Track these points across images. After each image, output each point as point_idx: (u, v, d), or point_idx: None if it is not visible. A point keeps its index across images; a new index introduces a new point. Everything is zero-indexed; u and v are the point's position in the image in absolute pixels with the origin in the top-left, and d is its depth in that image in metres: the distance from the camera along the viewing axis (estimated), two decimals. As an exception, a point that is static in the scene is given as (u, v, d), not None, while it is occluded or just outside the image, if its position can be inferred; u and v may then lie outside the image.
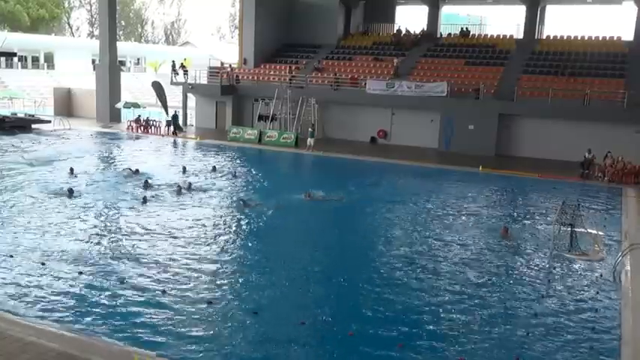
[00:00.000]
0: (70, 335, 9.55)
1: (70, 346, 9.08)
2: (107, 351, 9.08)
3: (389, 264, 14.27)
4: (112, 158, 28.55)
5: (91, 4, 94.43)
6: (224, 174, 24.70)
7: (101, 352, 8.97)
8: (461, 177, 25.99)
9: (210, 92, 38.80)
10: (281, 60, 41.04)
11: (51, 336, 9.40)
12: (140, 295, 11.46)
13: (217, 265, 13.54)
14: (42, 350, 8.83)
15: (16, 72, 61.98)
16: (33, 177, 21.92)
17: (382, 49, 40.10)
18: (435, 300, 12.05)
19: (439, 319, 11.17)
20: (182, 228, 16.31)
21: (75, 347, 9.04)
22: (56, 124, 37.15)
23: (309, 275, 13.36)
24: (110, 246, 14.62)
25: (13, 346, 8.89)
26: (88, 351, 8.95)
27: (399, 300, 11.93)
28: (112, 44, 41.16)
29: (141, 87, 59.43)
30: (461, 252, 15.38)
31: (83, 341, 9.36)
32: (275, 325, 10.60)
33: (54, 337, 9.39)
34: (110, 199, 19.29)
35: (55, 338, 9.33)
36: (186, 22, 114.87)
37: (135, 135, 36.06)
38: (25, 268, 12.68)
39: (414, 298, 12.05)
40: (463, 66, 36.22)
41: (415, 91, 33.49)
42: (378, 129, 35.60)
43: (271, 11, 40.79)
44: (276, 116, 36.16)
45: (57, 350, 8.89)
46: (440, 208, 20.28)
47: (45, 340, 9.18)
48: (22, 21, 79.37)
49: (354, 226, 18.40)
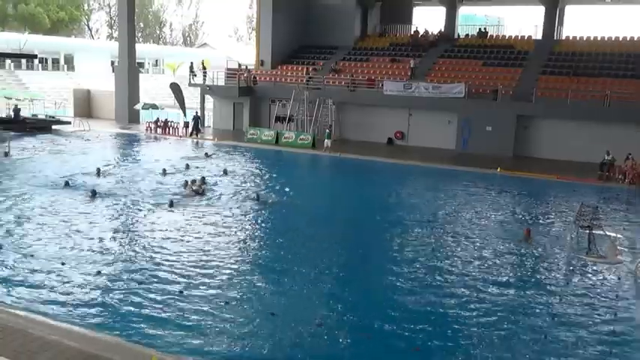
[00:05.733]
0: (89, 334, 9.68)
1: (89, 345, 9.20)
2: (126, 350, 9.17)
3: (408, 266, 14.20)
4: (135, 159, 28.84)
5: (110, 6, 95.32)
6: (239, 175, 24.81)
7: (120, 352, 9.07)
8: (478, 178, 25.83)
9: (227, 94, 39.00)
10: (298, 61, 41.13)
11: (71, 335, 9.52)
12: (158, 296, 11.56)
13: (235, 266, 13.62)
14: (62, 349, 8.96)
15: (37, 74, 62.76)
16: (57, 177, 22.17)
17: (399, 50, 40.03)
18: (453, 302, 11.97)
19: (457, 322, 11.10)
20: (199, 229, 16.42)
21: (94, 346, 9.16)
22: (76, 126, 37.59)
23: (327, 276, 13.38)
24: (129, 246, 14.76)
25: (34, 344, 9.02)
26: (107, 350, 9.06)
27: (417, 302, 11.90)
28: (130, 46, 41.60)
29: (159, 88, 59.86)
30: (481, 254, 15.27)
31: (102, 340, 9.47)
32: (292, 326, 10.62)
33: (74, 336, 9.52)
34: (132, 201, 19.45)
35: (75, 337, 9.45)
36: (204, 24, 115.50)
37: (153, 136, 36.35)
38: (46, 267, 12.85)
39: (431, 301, 11.99)
40: (481, 67, 36.04)
41: (432, 92, 33.39)
42: (395, 130, 35.53)
43: (288, 13, 40.90)
44: (293, 117, 36.25)
45: (77, 349, 9.02)
46: (458, 210, 20.18)
47: (66, 338, 9.31)
48: (42, 23, 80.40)
49: (370, 223, 18.36)
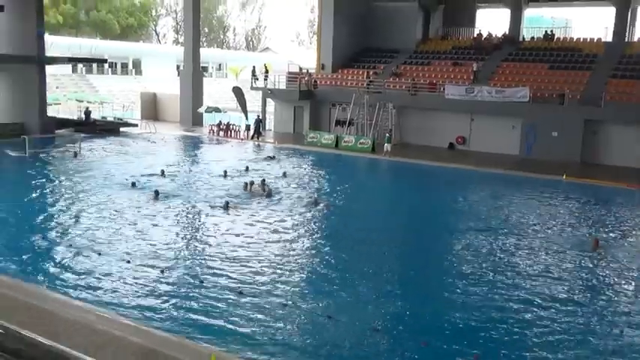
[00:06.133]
0: (151, 331, 9.93)
1: (151, 341, 9.43)
2: (186, 348, 9.36)
3: (468, 275, 13.87)
4: (197, 161, 29.53)
5: (177, 12, 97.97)
6: (298, 178, 24.97)
7: (180, 349, 9.26)
8: (543, 185, 25.07)
9: (288, 97, 39.38)
10: (359, 65, 41.10)
11: (134, 331, 9.80)
12: (218, 296, 11.75)
13: (291, 269, 13.70)
14: (125, 344, 9.23)
15: (107, 77, 65.16)
16: (123, 177, 22.93)
17: (461, 53, 39.41)
18: (516, 313, 11.58)
19: (520, 333, 10.75)
20: (257, 231, 16.61)
21: (156, 343, 9.39)
22: (142, 128, 38.81)
23: (384, 282, 13.30)
24: (190, 247, 15.11)
25: (100, 339, 9.33)
26: (167, 347, 9.26)
27: (478, 311, 11.61)
28: (195, 51, 42.64)
29: (222, 92, 61.07)
30: (545, 265, 14.72)
31: (163, 337, 9.70)
32: (348, 330, 10.59)
33: (137, 332, 9.79)
34: (194, 201, 19.88)
35: (138, 333, 9.72)
36: (266, 29, 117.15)
37: (215, 138, 37.10)
38: (112, 265, 13.28)
39: (494, 310, 11.68)
40: (547, 70, 35.03)
41: (496, 96, 32.70)
42: (456, 135, 34.98)
43: (349, 17, 40.94)
44: (353, 121, 36.25)
45: (139, 344, 9.27)
46: (521, 218, 19.63)
47: (129, 334, 9.58)
48: (112, 29, 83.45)
49: (430, 229, 18.14)
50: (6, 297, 10.79)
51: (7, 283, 11.55)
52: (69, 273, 12.69)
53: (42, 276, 12.44)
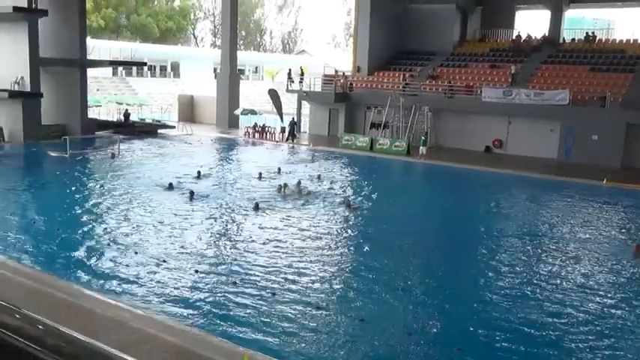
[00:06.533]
0: (184, 330, 10.06)
1: (185, 340, 9.56)
2: (219, 348, 9.45)
3: (503, 281, 13.66)
4: (233, 163, 29.83)
5: (215, 15, 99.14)
6: (332, 180, 24.98)
7: (214, 349, 9.35)
8: (583, 190, 24.52)
9: (323, 100, 39.45)
10: (395, 67, 40.94)
11: (168, 329, 9.94)
12: (251, 297, 11.82)
13: (326, 270, 13.71)
14: (159, 342, 9.38)
15: (146, 80, 66.24)
16: (159, 178, 23.32)
17: (499, 55, 38.87)
18: (552, 323, 11.29)
19: (557, 344, 10.50)
20: (290, 232, 16.68)
21: (190, 342, 9.51)
22: (179, 130, 39.38)
23: (417, 285, 13.21)
24: (224, 247, 15.26)
25: (135, 336, 9.50)
26: (200, 346, 9.37)
27: (515, 318, 11.39)
28: (232, 54, 43.08)
29: (258, 94, 61.51)
30: (584, 272, 14.41)
31: (196, 336, 9.82)
32: (381, 334, 10.54)
33: (170, 330, 9.93)
34: (228, 203, 20.05)
35: (172, 332, 9.86)
36: (302, 31, 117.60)
37: (251, 141, 37.40)
38: (147, 264, 13.51)
39: (529, 319, 11.40)
40: (587, 73, 34.28)
41: (534, 99, 32.17)
42: (493, 138, 34.51)
43: (386, 19, 40.80)
44: (388, 124, 36.11)
45: (172, 343, 9.41)
46: (559, 223, 19.26)
47: (162, 333, 9.72)
48: (152, 33, 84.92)
49: (465, 233, 17.93)
50: (46, 294, 11.09)
51: (48, 281, 11.87)
52: (106, 271, 12.95)
53: (80, 274, 12.71)
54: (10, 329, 6.68)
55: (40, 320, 7.18)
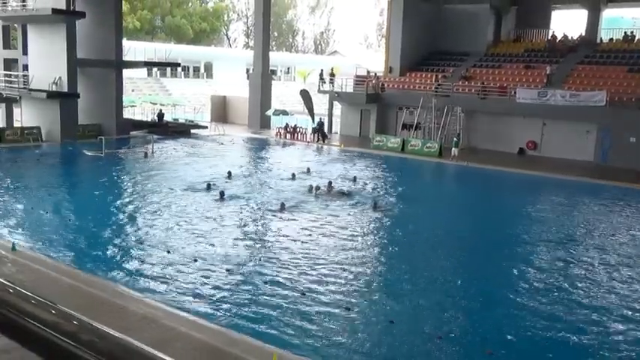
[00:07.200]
0: (215, 328, 10.16)
1: (215, 338, 9.66)
2: (249, 347, 9.52)
3: (537, 287, 13.36)
4: (264, 163, 30.01)
5: (248, 16, 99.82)
6: (363, 181, 24.92)
7: (243, 348, 9.42)
8: (620, 193, 24.01)
9: (355, 100, 39.40)
10: (427, 68, 40.66)
11: (199, 328, 10.05)
12: (281, 297, 11.89)
13: (356, 271, 13.69)
14: (191, 340, 9.50)
15: (179, 81, 67.03)
16: (191, 178, 23.57)
17: (534, 56, 38.28)
18: (588, 332, 10.96)
19: (593, 351, 10.28)
20: (322, 233, 16.71)
21: (220, 340, 9.61)
22: (212, 130, 39.76)
23: (450, 286, 13.10)
24: (255, 248, 15.35)
25: (167, 334, 9.64)
26: (231, 345, 9.46)
27: (548, 323, 11.18)
28: (265, 54, 43.31)
29: (290, 95, 61.71)
30: (624, 280, 14.00)
31: (227, 335, 9.90)
32: (410, 337, 10.49)
33: (202, 328, 10.04)
34: (259, 203, 20.16)
35: (203, 330, 9.97)
36: (334, 32, 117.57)
37: (282, 141, 37.56)
38: (179, 264, 13.67)
39: (563, 325, 11.19)
40: (625, 73, 33.52)
41: (570, 100, 31.59)
42: (527, 140, 34.00)
43: (419, 19, 40.55)
44: (420, 125, 35.88)
45: (203, 341, 9.51)
46: (596, 228, 18.85)
47: (194, 331, 9.84)
48: (186, 34, 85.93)
49: (498, 236, 17.70)
50: (82, 291, 11.33)
51: (83, 279, 12.13)
52: (139, 269, 13.18)
53: (114, 271, 12.95)
54: (46, 325, 6.86)
55: (75, 316, 7.33)
